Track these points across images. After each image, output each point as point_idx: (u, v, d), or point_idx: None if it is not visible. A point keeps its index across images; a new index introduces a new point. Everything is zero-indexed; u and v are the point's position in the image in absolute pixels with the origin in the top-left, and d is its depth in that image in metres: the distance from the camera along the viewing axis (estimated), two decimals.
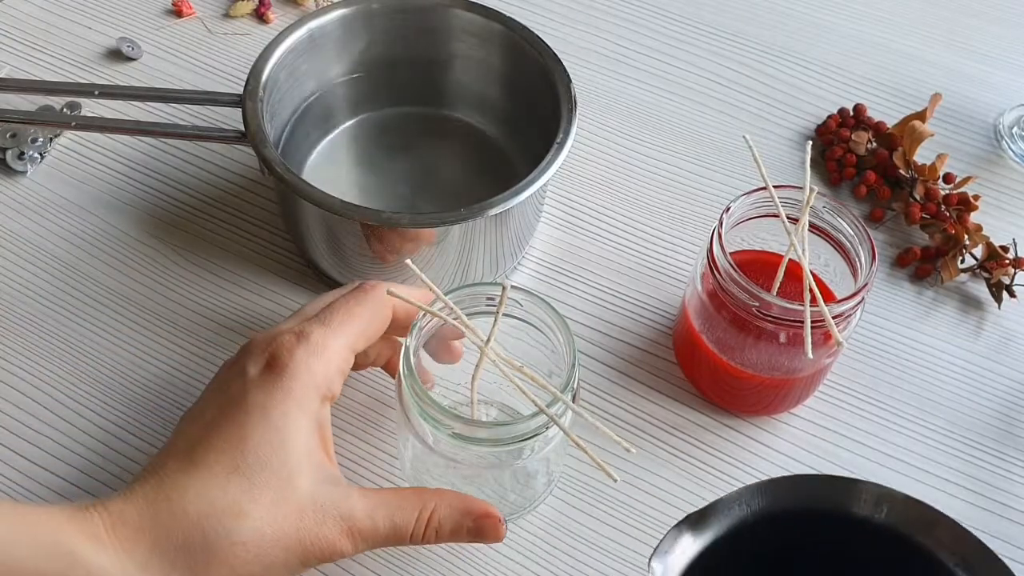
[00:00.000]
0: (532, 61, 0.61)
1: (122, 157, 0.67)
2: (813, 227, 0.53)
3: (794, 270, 0.51)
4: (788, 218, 0.52)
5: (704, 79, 0.73)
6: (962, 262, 0.63)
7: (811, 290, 0.49)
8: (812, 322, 0.49)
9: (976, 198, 0.65)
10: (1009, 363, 0.60)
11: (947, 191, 0.66)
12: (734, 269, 0.50)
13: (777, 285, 0.52)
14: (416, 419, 0.47)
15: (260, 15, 0.75)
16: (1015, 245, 0.64)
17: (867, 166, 0.68)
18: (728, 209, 0.52)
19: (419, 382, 0.45)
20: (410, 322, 0.49)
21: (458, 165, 0.67)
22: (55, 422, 0.55)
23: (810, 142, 0.55)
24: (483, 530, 0.46)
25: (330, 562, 0.44)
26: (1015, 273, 0.62)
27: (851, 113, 0.71)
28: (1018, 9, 0.79)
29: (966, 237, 0.63)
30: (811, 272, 0.50)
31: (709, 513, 0.40)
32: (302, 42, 0.61)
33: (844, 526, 0.42)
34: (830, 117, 0.71)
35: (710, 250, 0.52)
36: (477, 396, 0.46)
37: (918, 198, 0.65)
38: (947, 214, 0.64)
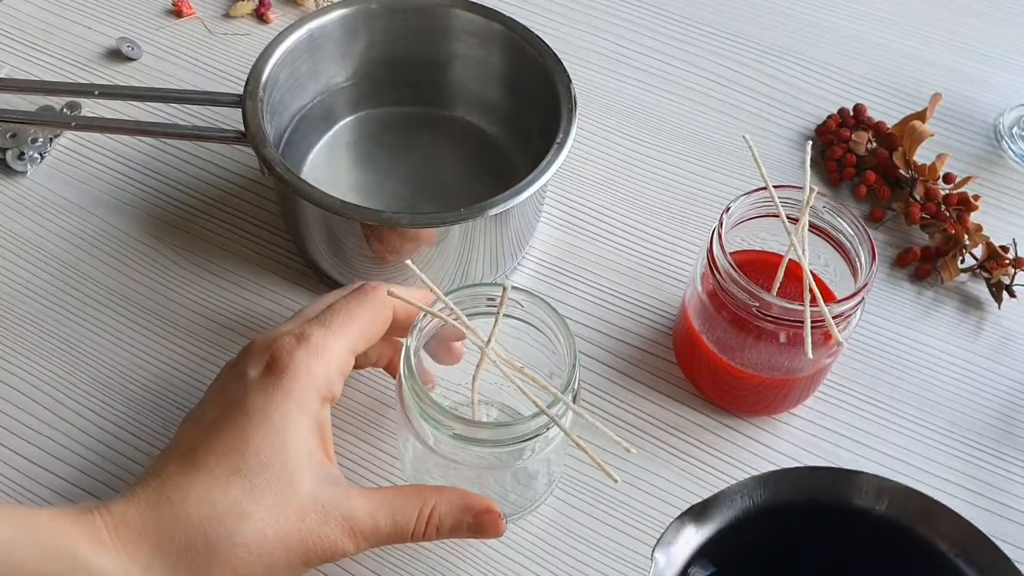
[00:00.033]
0: (532, 61, 0.61)
1: (122, 157, 0.67)
2: (813, 227, 0.53)
3: (794, 270, 0.51)
4: (788, 218, 0.52)
5: (704, 79, 0.73)
6: (962, 262, 0.63)
7: (811, 290, 0.49)
8: (812, 322, 0.49)
9: (976, 198, 0.65)
10: (1009, 363, 0.61)
11: (947, 191, 0.66)
12: (734, 269, 0.50)
13: (777, 285, 0.52)
14: (417, 420, 0.47)
15: (260, 15, 0.75)
16: (1015, 245, 0.64)
17: (867, 166, 0.68)
18: (728, 209, 0.52)
19: (420, 383, 0.45)
20: (410, 323, 0.49)
21: (458, 165, 0.67)
22: (55, 422, 0.55)
23: (810, 142, 0.55)
24: (483, 526, 0.46)
25: (332, 562, 0.44)
26: (1015, 273, 0.62)
27: (851, 113, 0.71)
28: (1018, 9, 0.79)
29: (966, 237, 0.63)
30: (811, 272, 0.50)
31: (711, 504, 0.41)
32: (302, 42, 0.61)
33: (845, 518, 0.42)
34: (830, 117, 0.71)
35: (710, 250, 0.52)
36: (478, 397, 0.46)
37: (918, 198, 0.65)
38: (947, 214, 0.64)
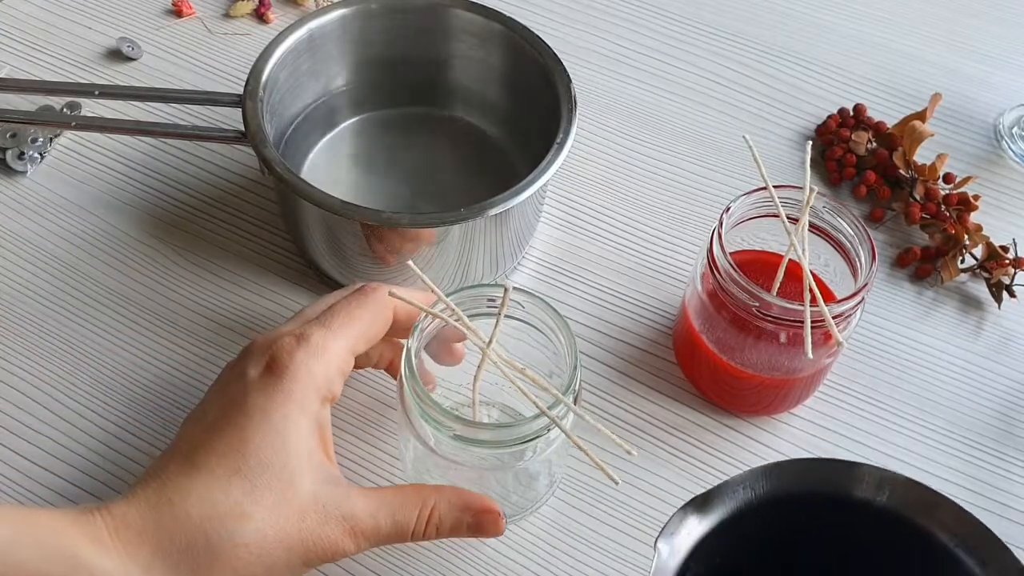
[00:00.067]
0: (532, 61, 0.61)
1: (122, 157, 0.67)
2: (813, 227, 0.53)
3: (794, 270, 0.51)
4: (788, 218, 0.52)
5: (704, 79, 0.73)
6: (962, 262, 0.63)
7: (811, 290, 0.49)
8: (812, 322, 0.49)
9: (976, 198, 0.65)
10: (1009, 363, 0.61)
11: (947, 191, 0.66)
12: (734, 269, 0.50)
13: (777, 285, 0.52)
14: (417, 420, 0.47)
15: (260, 15, 0.75)
16: (1015, 245, 0.64)
17: (867, 166, 0.68)
18: (728, 209, 0.52)
19: (420, 384, 0.45)
20: (411, 324, 0.49)
21: (458, 165, 0.67)
22: (55, 422, 0.55)
23: (810, 142, 0.55)
24: (483, 525, 0.46)
25: (332, 562, 0.44)
26: (1015, 273, 0.62)
27: (851, 113, 0.71)
28: (1018, 9, 0.79)
29: (966, 237, 0.63)
30: (811, 272, 0.50)
31: (714, 495, 0.41)
32: (302, 42, 0.61)
33: (846, 509, 0.42)
34: (830, 117, 0.71)
35: (710, 250, 0.52)
36: (479, 398, 0.46)
37: (918, 198, 0.65)
38: (947, 214, 0.64)
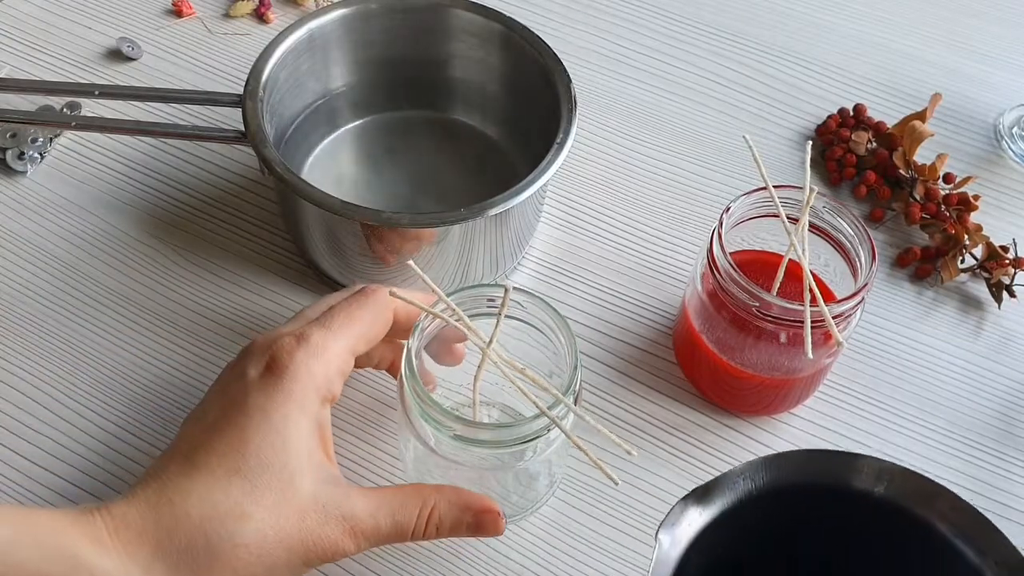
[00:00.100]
0: (532, 61, 0.61)
1: (122, 157, 0.67)
2: (813, 227, 0.53)
3: (794, 270, 0.51)
4: (788, 218, 0.52)
5: (704, 79, 0.73)
6: (962, 262, 0.63)
7: (811, 290, 0.49)
8: (812, 322, 0.49)
9: (976, 198, 0.65)
10: (1009, 363, 0.61)
11: (947, 191, 0.66)
12: (734, 269, 0.50)
13: (777, 285, 0.52)
14: (418, 421, 0.47)
15: (260, 15, 0.75)
16: (1015, 245, 0.64)
17: (867, 166, 0.68)
18: (728, 209, 0.52)
19: (421, 384, 0.45)
20: (412, 325, 0.49)
21: (458, 165, 0.67)
22: (55, 422, 0.55)
23: (810, 142, 0.55)
24: (483, 525, 0.46)
25: (332, 562, 0.44)
26: (1015, 273, 0.62)
27: (851, 113, 0.71)
28: (1018, 9, 0.79)
29: (966, 237, 0.63)
30: (811, 272, 0.50)
31: (714, 487, 0.41)
32: (302, 42, 0.61)
33: (846, 500, 0.42)
34: (830, 117, 0.71)
35: (710, 250, 0.52)
36: (479, 398, 0.46)
37: (918, 198, 0.65)
38: (947, 214, 0.64)
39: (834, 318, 0.49)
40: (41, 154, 0.66)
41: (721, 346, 0.54)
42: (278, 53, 0.60)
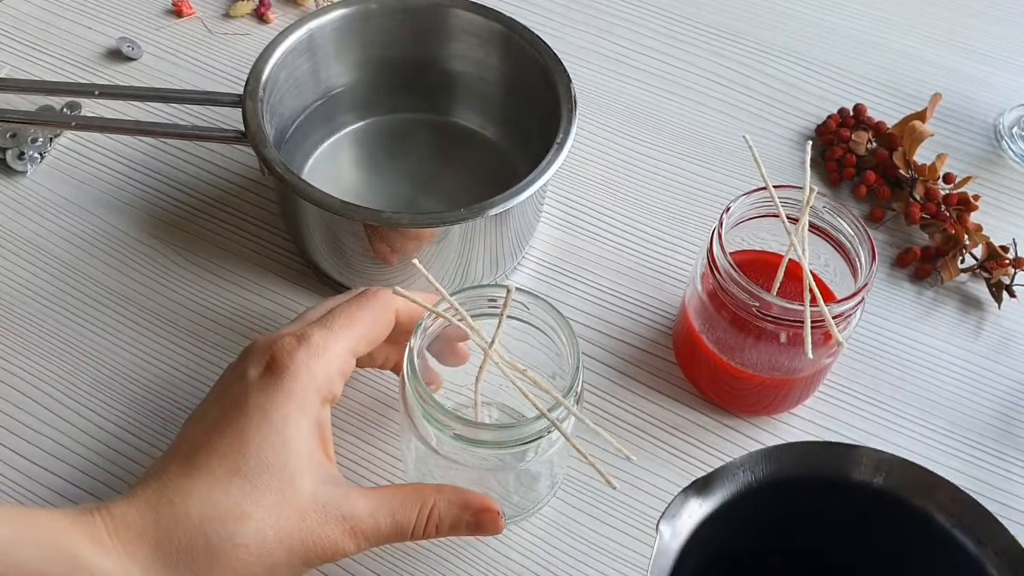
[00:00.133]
0: (532, 61, 0.61)
1: (122, 157, 0.67)
2: (813, 227, 0.53)
3: (794, 270, 0.51)
4: (788, 218, 0.52)
5: (704, 79, 0.73)
6: (962, 262, 0.63)
7: (811, 290, 0.49)
8: (812, 322, 0.49)
9: (976, 198, 0.65)
10: (1009, 363, 0.61)
11: (947, 191, 0.66)
12: (734, 269, 0.50)
13: (777, 285, 0.52)
14: (420, 421, 0.47)
15: (260, 15, 0.75)
16: (1015, 245, 0.64)
17: (867, 166, 0.68)
18: (728, 209, 0.52)
19: (423, 383, 0.45)
20: (414, 326, 0.49)
21: (458, 165, 0.67)
22: (55, 422, 0.55)
23: (810, 142, 0.55)
24: (482, 524, 0.46)
25: (332, 562, 0.44)
26: (1015, 273, 0.62)
27: (851, 113, 0.71)
28: (1018, 9, 0.79)
29: (966, 237, 0.63)
30: (811, 272, 0.50)
31: (714, 478, 0.41)
32: (302, 42, 0.61)
33: (845, 491, 0.42)
34: (830, 117, 0.71)
35: (710, 250, 0.52)
36: (480, 398, 0.46)
37: (918, 198, 0.65)
38: (947, 214, 0.64)
39: (834, 318, 0.49)
40: (41, 154, 0.66)
41: (721, 346, 0.54)
42: (278, 53, 0.60)
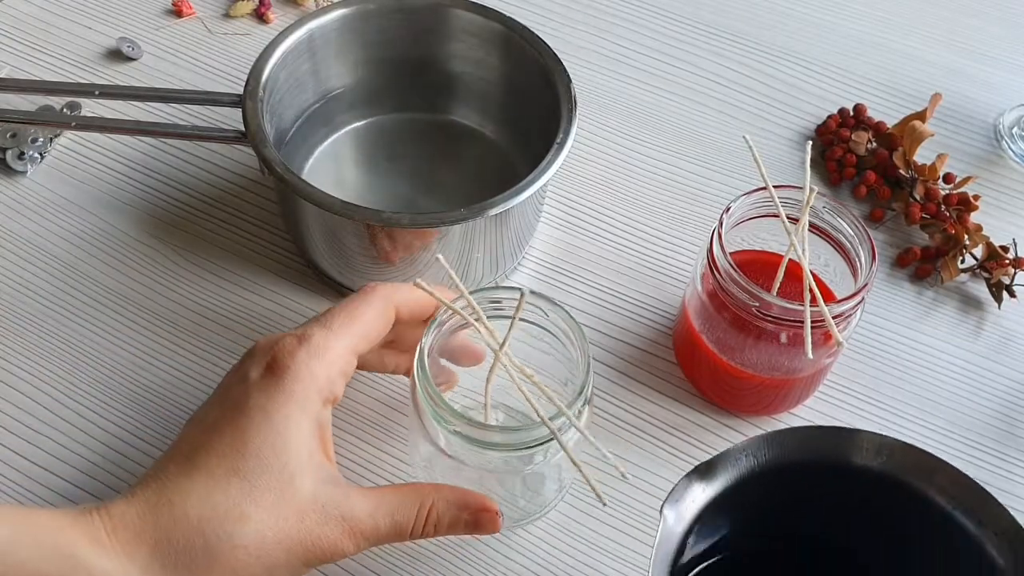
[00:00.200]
0: (532, 61, 0.61)
1: (122, 157, 0.67)
2: (813, 227, 0.53)
3: (794, 270, 0.51)
4: (788, 218, 0.52)
5: (704, 79, 0.73)
6: (962, 262, 0.63)
7: (811, 290, 0.49)
8: (812, 322, 0.49)
9: (976, 198, 0.65)
10: (1009, 363, 0.61)
11: (947, 191, 0.66)
12: (734, 269, 0.50)
13: (777, 285, 0.52)
14: (429, 421, 0.46)
15: (260, 15, 0.75)
16: (1015, 245, 0.64)
17: (867, 166, 0.68)
18: (728, 209, 0.52)
19: (432, 384, 0.45)
20: (415, 322, 0.48)
21: (458, 165, 0.67)
22: (55, 422, 0.55)
23: (810, 142, 0.55)
24: (480, 523, 0.46)
25: (332, 562, 0.44)
26: (1015, 273, 0.62)
27: (851, 113, 0.71)
28: (1018, 9, 0.79)
29: (966, 237, 0.63)
30: (811, 272, 0.50)
31: (717, 463, 0.41)
32: (302, 42, 0.61)
33: (846, 476, 0.42)
34: (830, 117, 0.71)
35: (710, 250, 0.52)
36: (488, 400, 0.46)
37: (918, 198, 0.65)
38: (947, 214, 0.64)
39: (834, 318, 0.49)
40: (41, 154, 0.66)
41: (721, 346, 0.54)
42: (278, 53, 0.60)
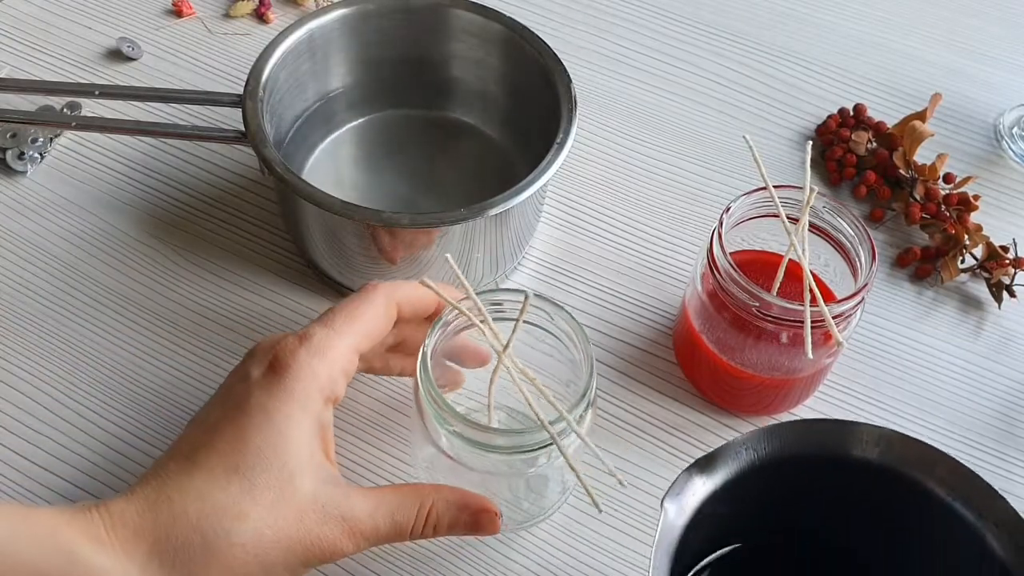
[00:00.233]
0: (532, 61, 0.61)
1: (122, 157, 0.67)
2: (813, 227, 0.53)
3: (794, 270, 0.51)
4: (788, 218, 0.52)
5: (704, 79, 0.73)
6: (962, 262, 0.63)
7: (811, 290, 0.49)
8: (812, 322, 0.49)
9: (976, 198, 0.65)
10: (1009, 363, 0.61)
11: (947, 191, 0.66)
12: (734, 269, 0.50)
13: (777, 285, 0.52)
14: (432, 423, 0.46)
15: (260, 15, 0.75)
16: (1015, 245, 0.64)
17: (867, 166, 0.68)
18: (728, 209, 0.52)
19: (435, 385, 0.45)
20: (418, 320, 0.48)
21: (458, 165, 0.67)
22: (55, 422, 0.55)
23: (810, 142, 0.55)
24: (480, 523, 0.46)
25: (331, 562, 0.44)
26: (1015, 273, 0.62)
27: (851, 113, 0.71)
28: (1018, 9, 0.79)
29: (966, 237, 0.63)
30: (811, 272, 0.50)
31: (717, 456, 0.41)
32: (302, 42, 0.61)
33: (846, 469, 0.42)
34: (830, 117, 0.71)
35: (710, 250, 0.52)
36: (490, 401, 0.46)
37: (918, 198, 0.65)
38: (947, 214, 0.64)
39: (834, 318, 0.49)
40: (41, 154, 0.66)
41: (721, 346, 0.54)
42: (278, 53, 0.60)
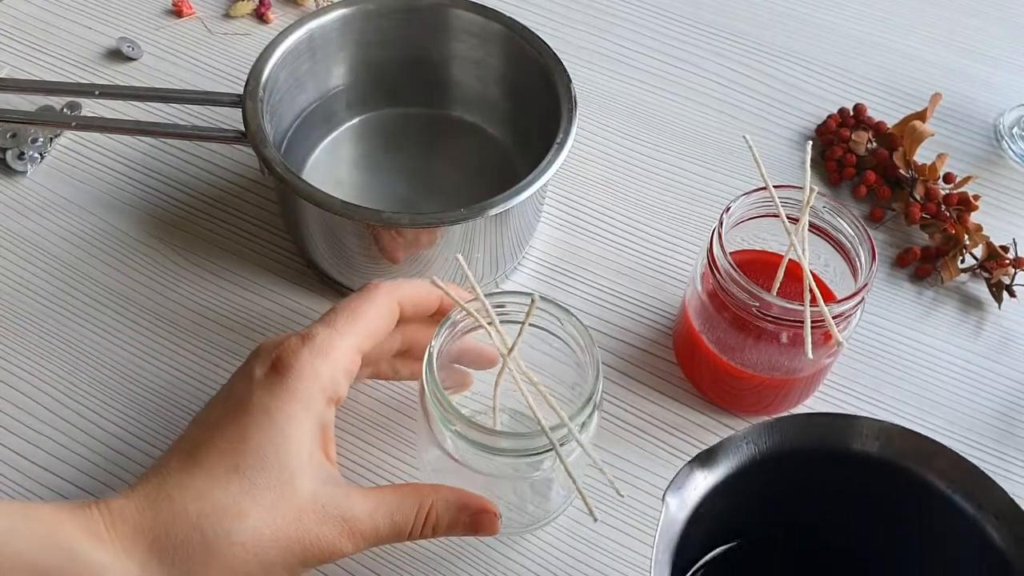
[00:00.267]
0: (532, 61, 0.61)
1: (122, 157, 0.67)
2: (813, 227, 0.53)
3: (794, 270, 0.51)
4: (788, 218, 0.52)
5: (704, 79, 0.73)
6: (962, 262, 0.63)
7: (811, 290, 0.49)
8: (812, 322, 0.49)
9: (976, 198, 0.65)
10: (1009, 363, 0.60)
11: (947, 191, 0.66)
12: (734, 269, 0.50)
13: (777, 285, 0.52)
14: (437, 426, 0.46)
15: (260, 15, 0.75)
16: (1015, 245, 0.64)
17: (867, 166, 0.68)
18: (728, 209, 0.52)
19: (441, 388, 0.45)
20: (420, 318, 0.48)
21: (458, 165, 0.67)
22: (55, 422, 0.55)
23: (810, 142, 0.55)
24: (479, 524, 0.46)
25: (330, 562, 0.44)
26: (1015, 273, 0.62)
27: (851, 113, 0.71)
28: (1018, 9, 0.79)
29: (966, 237, 0.63)
30: (811, 272, 0.50)
31: (718, 451, 0.41)
32: (302, 42, 0.61)
33: (846, 462, 0.42)
34: (830, 117, 0.71)
35: (710, 250, 0.52)
36: (494, 403, 0.46)
37: (918, 198, 0.65)
38: (947, 214, 0.64)
39: (834, 318, 0.49)
40: (41, 154, 0.66)
41: (721, 346, 0.54)
42: (278, 53, 0.60)
